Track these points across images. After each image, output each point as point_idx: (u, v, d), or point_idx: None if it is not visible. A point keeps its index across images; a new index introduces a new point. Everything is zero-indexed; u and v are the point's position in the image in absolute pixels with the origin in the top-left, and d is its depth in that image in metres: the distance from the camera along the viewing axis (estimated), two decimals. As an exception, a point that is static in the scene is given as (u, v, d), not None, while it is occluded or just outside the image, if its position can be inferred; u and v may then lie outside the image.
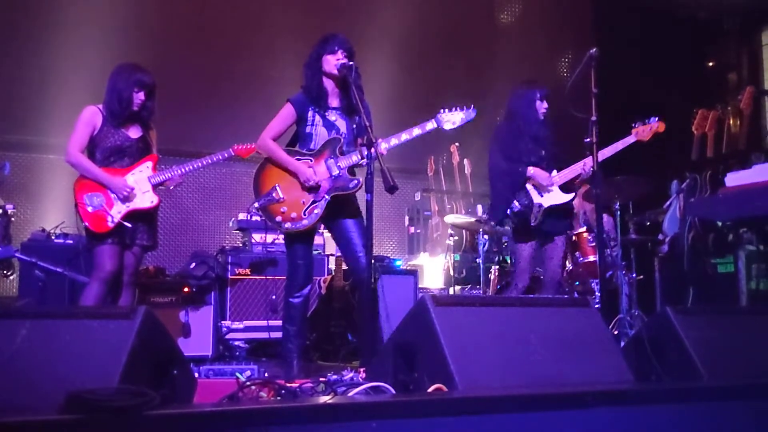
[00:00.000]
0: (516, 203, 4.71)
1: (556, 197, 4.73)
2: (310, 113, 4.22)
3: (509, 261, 6.76)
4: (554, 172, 4.76)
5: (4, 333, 2.19)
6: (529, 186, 4.75)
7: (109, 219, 4.12)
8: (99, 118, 4.21)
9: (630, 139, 4.75)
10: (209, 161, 4.49)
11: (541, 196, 4.72)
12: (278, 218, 4.12)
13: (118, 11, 6.65)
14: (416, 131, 4.15)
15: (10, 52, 6.58)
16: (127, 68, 4.24)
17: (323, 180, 4.13)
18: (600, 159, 4.51)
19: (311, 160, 4.16)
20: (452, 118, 4.21)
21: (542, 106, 4.81)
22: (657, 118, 4.74)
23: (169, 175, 4.34)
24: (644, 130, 4.70)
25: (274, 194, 4.12)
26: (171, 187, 4.45)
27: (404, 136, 4.11)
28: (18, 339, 2.19)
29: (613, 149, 4.68)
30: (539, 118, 4.82)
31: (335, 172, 4.14)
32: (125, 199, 4.16)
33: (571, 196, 4.75)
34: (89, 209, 4.11)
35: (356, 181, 4.15)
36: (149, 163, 4.31)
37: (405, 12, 7.71)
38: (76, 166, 4.19)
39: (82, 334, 2.23)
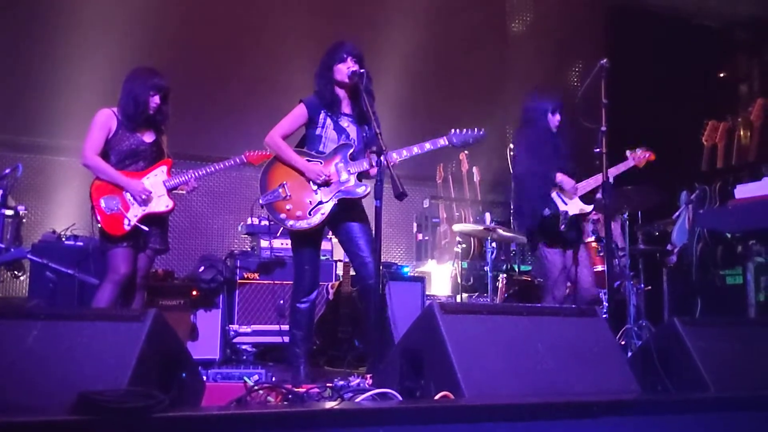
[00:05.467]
0: (547, 209, 4.67)
1: (578, 206, 4.73)
2: (321, 116, 4.21)
3: (517, 269, 6.77)
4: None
5: (16, 333, 2.21)
6: (553, 194, 4.74)
7: (126, 222, 4.14)
8: (114, 122, 4.22)
9: (629, 163, 4.85)
10: (222, 166, 4.50)
11: (565, 204, 4.71)
12: (282, 215, 4.11)
13: (128, 14, 6.68)
14: (427, 146, 4.16)
15: (21, 54, 6.62)
16: (144, 72, 4.27)
17: (333, 182, 4.14)
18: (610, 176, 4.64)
19: (321, 163, 4.16)
20: (463, 139, 4.20)
21: (554, 119, 4.82)
22: (649, 148, 4.85)
23: (184, 179, 4.36)
24: (640, 157, 4.80)
25: (280, 191, 4.12)
26: (185, 192, 4.47)
27: (415, 150, 4.12)
28: (29, 340, 2.21)
29: (617, 170, 4.76)
30: (552, 131, 4.84)
31: (344, 177, 4.15)
32: (143, 203, 4.18)
33: (591, 207, 4.73)
34: (106, 212, 4.12)
35: (365, 187, 4.14)
36: (164, 168, 4.33)
37: (416, 22, 7.73)
38: (93, 168, 4.20)
39: (92, 336, 2.25)
